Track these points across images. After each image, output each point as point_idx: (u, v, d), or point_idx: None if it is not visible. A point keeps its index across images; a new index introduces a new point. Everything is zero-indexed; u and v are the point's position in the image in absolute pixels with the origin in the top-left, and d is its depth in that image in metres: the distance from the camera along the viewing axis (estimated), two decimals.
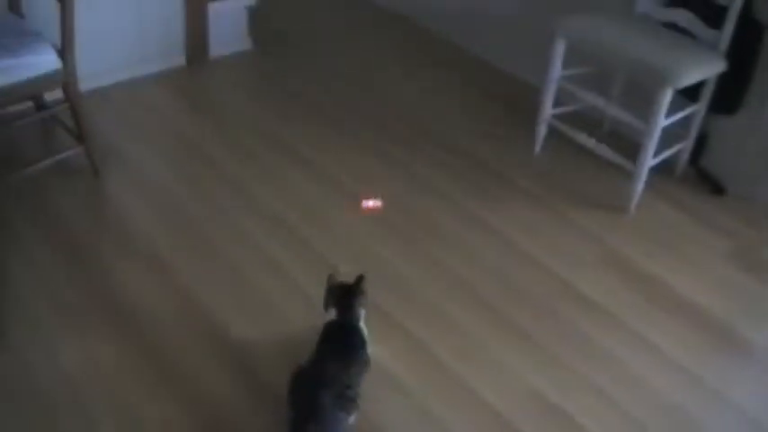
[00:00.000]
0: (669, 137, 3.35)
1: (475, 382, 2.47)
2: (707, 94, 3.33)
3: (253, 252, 2.92)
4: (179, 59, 4.14)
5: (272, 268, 2.85)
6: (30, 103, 3.35)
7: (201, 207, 3.14)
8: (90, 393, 2.30)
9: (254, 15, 4.39)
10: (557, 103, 3.58)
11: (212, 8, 4.12)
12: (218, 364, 2.45)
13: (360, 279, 2.40)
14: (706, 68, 3.15)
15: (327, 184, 3.34)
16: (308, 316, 2.51)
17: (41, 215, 2.99)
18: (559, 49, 3.38)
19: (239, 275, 2.81)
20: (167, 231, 2.99)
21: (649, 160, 3.23)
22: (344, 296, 2.38)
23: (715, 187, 3.53)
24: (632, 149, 3.31)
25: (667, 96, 3.04)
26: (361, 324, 2.37)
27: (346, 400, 2.14)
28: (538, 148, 3.69)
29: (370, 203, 2.45)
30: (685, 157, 3.57)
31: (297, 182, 3.33)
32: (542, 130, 3.64)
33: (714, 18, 3.18)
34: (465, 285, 2.87)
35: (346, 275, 2.43)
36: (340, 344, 2.29)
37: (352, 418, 2.18)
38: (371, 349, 2.36)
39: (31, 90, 2.97)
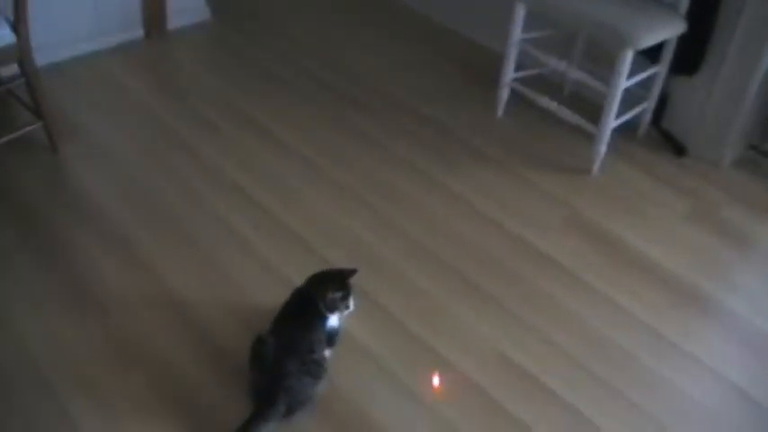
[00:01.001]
0: (631, 98, 3.37)
1: (441, 346, 2.49)
2: (667, 55, 3.34)
3: (216, 225, 2.91)
4: (137, 31, 4.08)
5: (236, 242, 2.84)
6: None
7: (163, 181, 3.10)
8: (56, 374, 2.29)
9: None
10: (518, 67, 3.57)
11: None
12: (184, 340, 2.43)
13: (345, 291, 2.30)
14: (666, 29, 3.16)
15: (290, 155, 3.32)
16: (275, 290, 2.49)
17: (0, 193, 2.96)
18: (520, 12, 3.36)
19: (203, 251, 2.79)
20: (128, 206, 2.96)
21: (611, 122, 3.24)
22: (325, 279, 2.33)
23: (676, 148, 3.56)
24: (594, 112, 3.33)
25: (628, 58, 3.05)
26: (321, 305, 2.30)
27: (311, 364, 2.14)
28: (500, 112, 3.69)
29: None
30: (647, 118, 3.59)
31: (259, 154, 3.31)
32: (504, 95, 3.64)
33: None
34: (429, 251, 2.88)
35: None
36: (300, 310, 2.28)
37: (321, 383, 2.19)
38: (338, 318, 2.36)
39: None
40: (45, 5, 3.30)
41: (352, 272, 2.31)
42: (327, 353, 2.28)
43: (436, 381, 2.39)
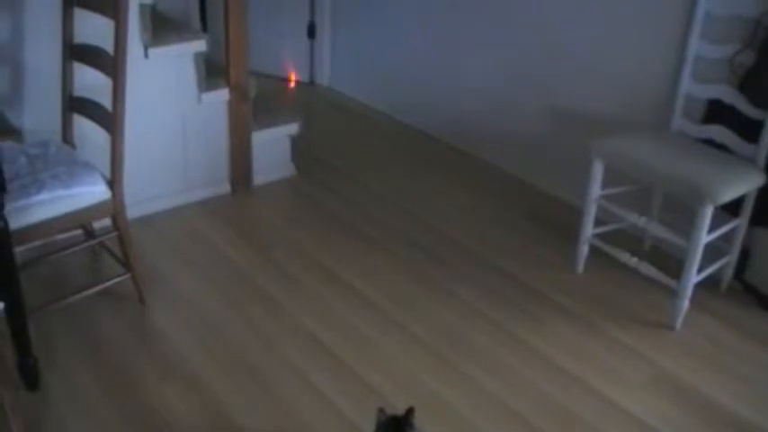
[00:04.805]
0: (712, 251, 3.33)
1: None
2: (748, 208, 3.31)
3: (295, 378, 2.91)
4: (224, 187, 4.24)
5: (313, 394, 2.83)
6: (79, 231, 3.44)
7: (243, 332, 3.15)
8: None
9: (297, 142, 4.51)
10: (596, 222, 3.58)
11: (256, 137, 4.24)
12: None
13: (409, 412, 2.34)
14: (746, 183, 3.15)
15: (367, 306, 3.35)
16: None
17: (86, 342, 3.03)
18: (598, 169, 3.40)
19: (281, 402, 2.79)
20: (211, 358, 3.00)
21: (693, 277, 3.19)
22: (395, 430, 2.32)
23: (761, 301, 3.47)
24: (675, 266, 3.29)
25: (709, 213, 3.03)
26: None
27: None
28: (580, 267, 3.67)
29: None
30: (730, 271, 3.52)
31: (338, 306, 3.34)
32: (584, 250, 3.63)
33: (750, 132, 3.20)
34: (511, 411, 2.81)
35: (394, 406, 2.39)
36: None
37: None
38: None
39: (82, 220, 3.05)
40: (137, 162, 3.46)
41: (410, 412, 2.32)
42: None
43: None
